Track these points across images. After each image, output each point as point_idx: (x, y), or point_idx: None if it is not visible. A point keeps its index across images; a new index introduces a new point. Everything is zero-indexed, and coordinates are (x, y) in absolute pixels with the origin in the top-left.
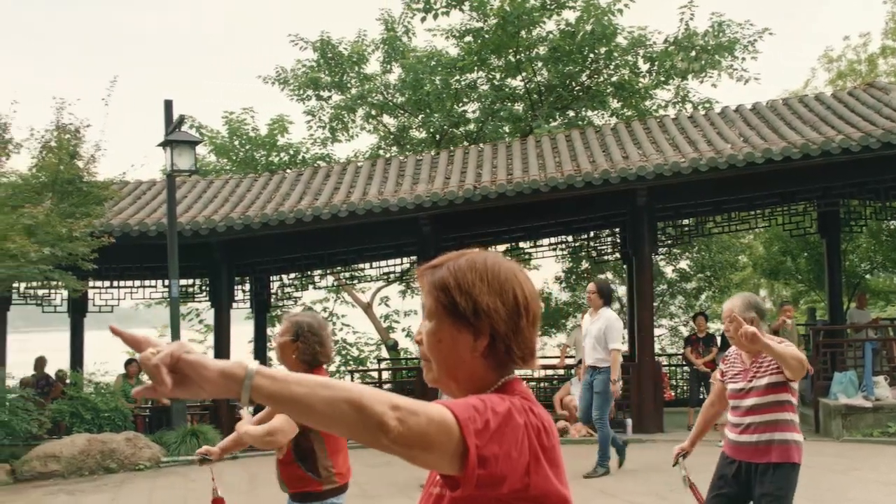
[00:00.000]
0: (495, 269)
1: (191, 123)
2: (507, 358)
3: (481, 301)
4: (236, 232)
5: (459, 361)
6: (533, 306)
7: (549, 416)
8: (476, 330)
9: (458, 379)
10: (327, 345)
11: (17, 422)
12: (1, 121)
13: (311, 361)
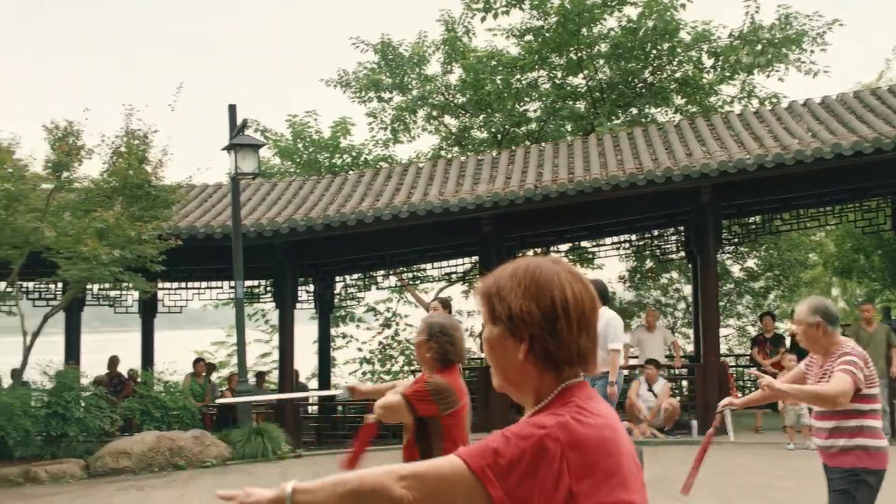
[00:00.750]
0: (536, 273)
1: (255, 127)
2: (550, 362)
3: (514, 305)
4: (299, 233)
5: (510, 366)
6: (577, 308)
7: (604, 424)
8: (515, 335)
9: (514, 383)
10: (458, 344)
11: (91, 419)
12: (74, 128)
13: (442, 360)
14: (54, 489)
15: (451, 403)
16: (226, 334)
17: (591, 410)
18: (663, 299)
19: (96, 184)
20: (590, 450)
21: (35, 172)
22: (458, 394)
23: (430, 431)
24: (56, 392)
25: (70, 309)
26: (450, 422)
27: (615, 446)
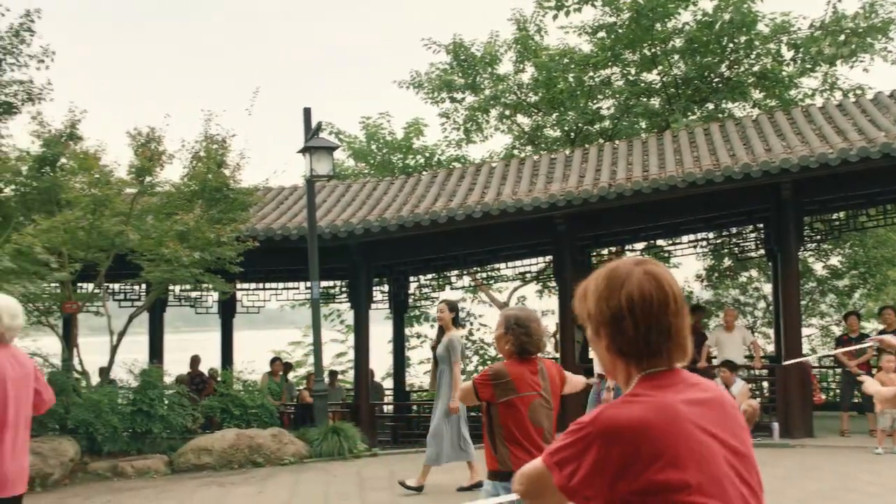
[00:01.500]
0: (611, 275)
1: (329, 130)
2: (625, 356)
3: (591, 307)
4: (374, 234)
5: (604, 359)
6: (645, 307)
7: (652, 408)
8: (596, 332)
9: (610, 373)
10: (534, 335)
11: (174, 416)
12: (156, 133)
13: (520, 351)
14: (140, 483)
15: (507, 391)
16: (302, 334)
17: (646, 396)
18: (742, 298)
19: (177, 188)
20: (627, 435)
21: (120, 178)
22: (518, 384)
23: (491, 415)
24: (141, 390)
25: (153, 309)
26: (504, 410)
27: (662, 429)
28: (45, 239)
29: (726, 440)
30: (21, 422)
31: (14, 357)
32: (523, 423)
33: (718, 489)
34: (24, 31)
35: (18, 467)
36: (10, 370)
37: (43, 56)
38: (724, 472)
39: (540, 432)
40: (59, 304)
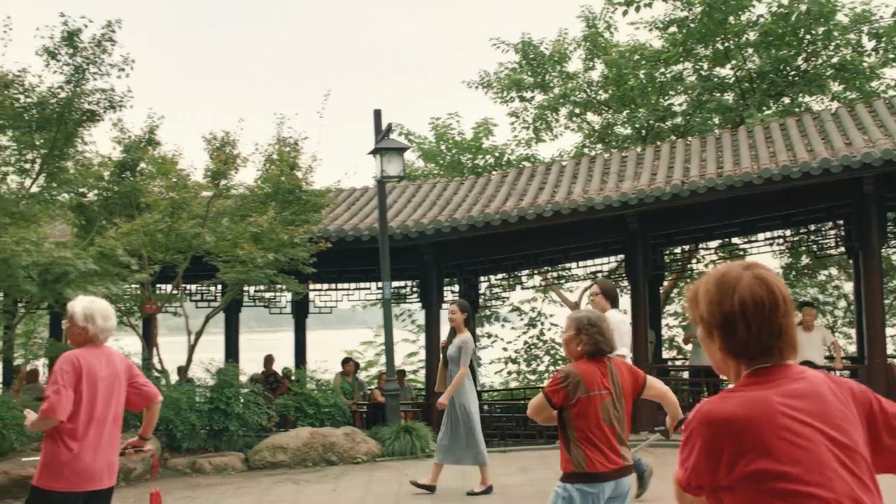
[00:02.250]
0: (721, 279)
1: (399, 131)
2: (736, 357)
3: (703, 310)
4: (444, 234)
5: (714, 358)
6: (757, 310)
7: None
8: (710, 334)
9: (722, 371)
10: (608, 335)
11: (250, 415)
12: (230, 138)
13: (594, 352)
14: (218, 480)
15: (578, 391)
16: (374, 334)
17: (741, 391)
18: (821, 297)
19: (251, 190)
20: (720, 428)
21: (196, 181)
22: (589, 384)
23: (564, 418)
24: (218, 389)
25: (229, 310)
26: (577, 411)
27: (752, 421)
28: (126, 242)
29: (828, 432)
30: (109, 419)
31: (106, 357)
32: (597, 424)
33: (821, 478)
34: (105, 42)
35: (105, 462)
36: (100, 370)
37: (123, 65)
38: (826, 462)
39: (613, 432)
40: (139, 305)
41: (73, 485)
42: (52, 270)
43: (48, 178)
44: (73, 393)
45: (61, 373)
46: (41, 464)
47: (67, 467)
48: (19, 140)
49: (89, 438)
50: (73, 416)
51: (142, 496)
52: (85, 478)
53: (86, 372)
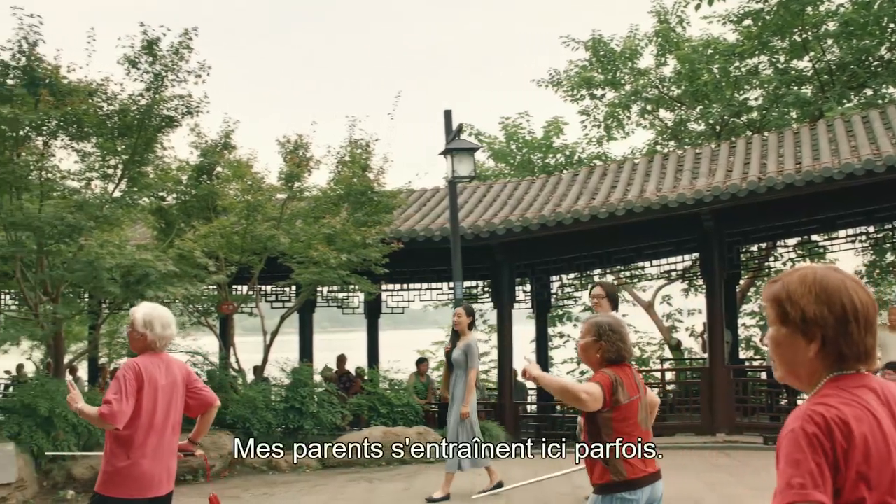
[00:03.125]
0: (824, 281)
1: (469, 131)
2: (840, 359)
3: (808, 310)
4: (515, 234)
5: (797, 362)
6: (864, 313)
7: (845, 414)
8: (807, 336)
9: (800, 377)
10: (628, 341)
11: (324, 413)
12: (304, 141)
13: (615, 359)
14: (293, 477)
15: (623, 396)
16: (445, 334)
17: (840, 399)
18: None
19: (324, 192)
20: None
21: (271, 184)
22: (628, 388)
23: (602, 425)
24: (293, 388)
25: (303, 310)
26: (620, 415)
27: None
28: (203, 244)
29: None
30: (168, 426)
31: (165, 364)
32: (636, 428)
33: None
34: (182, 49)
35: (164, 469)
36: (160, 377)
37: (200, 71)
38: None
39: (647, 436)
40: (216, 306)
41: (132, 492)
42: (134, 272)
43: (130, 183)
44: (134, 401)
45: (125, 380)
46: (102, 471)
47: (127, 475)
48: (103, 146)
49: (148, 446)
50: (133, 424)
51: (220, 491)
52: (144, 485)
53: (147, 380)
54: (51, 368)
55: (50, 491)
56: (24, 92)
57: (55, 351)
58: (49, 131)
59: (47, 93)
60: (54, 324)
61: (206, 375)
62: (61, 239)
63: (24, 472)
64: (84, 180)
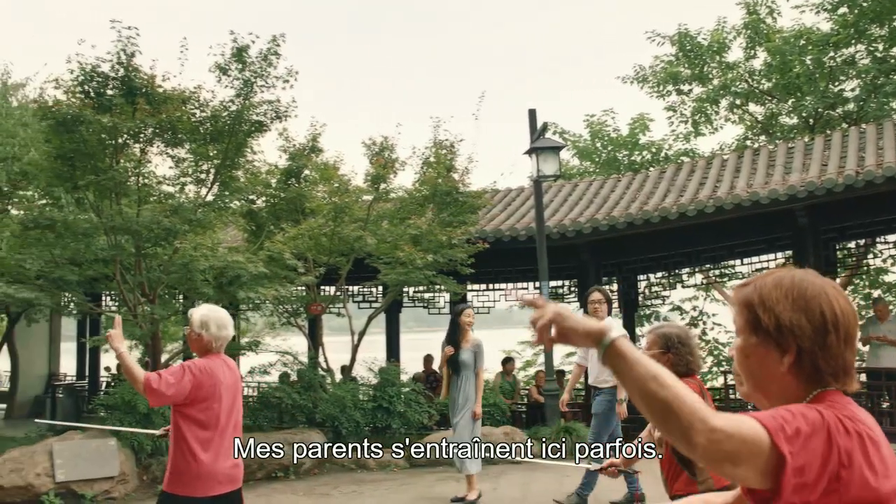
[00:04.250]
0: (802, 285)
1: (553, 130)
2: (816, 375)
3: (784, 317)
4: (602, 233)
5: (767, 376)
6: (845, 324)
7: (870, 420)
8: (781, 346)
9: (769, 393)
10: (696, 353)
11: (411, 413)
12: (389, 142)
13: (684, 371)
14: (381, 476)
15: None
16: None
17: (850, 408)
18: None
19: (409, 193)
20: (857, 439)
21: (357, 185)
22: (708, 401)
23: None
24: (380, 387)
25: (390, 310)
26: None
27: (881, 443)
28: (292, 245)
29: None
30: (231, 425)
31: (228, 366)
32: None
33: None
34: (271, 56)
35: (230, 467)
36: (225, 378)
37: (287, 76)
38: None
39: None
40: (305, 306)
41: (199, 490)
42: (226, 274)
43: (221, 187)
44: (184, 394)
45: (188, 372)
46: (170, 470)
47: (194, 474)
48: (195, 152)
49: (214, 445)
50: (201, 424)
51: (311, 489)
52: (211, 483)
53: (216, 381)
54: (148, 367)
55: (149, 485)
56: (123, 101)
57: (153, 350)
58: (145, 138)
59: (144, 101)
60: (152, 324)
61: (295, 374)
62: (158, 242)
63: (126, 466)
64: (178, 185)
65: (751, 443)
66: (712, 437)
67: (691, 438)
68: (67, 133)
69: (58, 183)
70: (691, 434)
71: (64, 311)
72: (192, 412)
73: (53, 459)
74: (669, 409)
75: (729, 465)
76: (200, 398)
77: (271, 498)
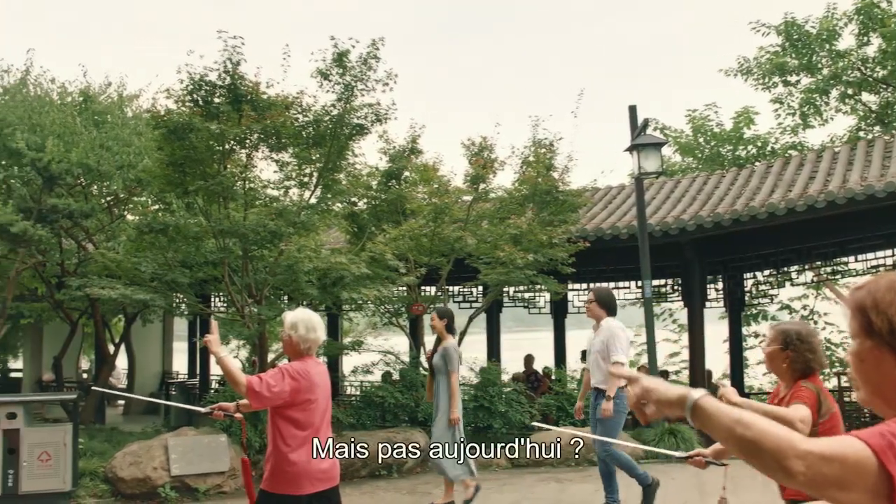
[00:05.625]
0: None
1: (654, 126)
2: None
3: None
4: (706, 230)
5: (883, 381)
6: None
7: None
8: (894, 350)
9: (887, 399)
10: (818, 352)
11: (513, 413)
12: (488, 142)
13: (803, 370)
14: (483, 476)
15: (826, 409)
16: (633, 334)
17: None
18: None
19: (509, 193)
20: None
21: (456, 186)
22: (830, 401)
23: None
24: (481, 387)
25: (490, 310)
26: (823, 429)
27: None
28: (393, 246)
29: None
30: (325, 424)
31: (318, 366)
32: None
33: None
34: (371, 59)
35: (327, 465)
36: (317, 379)
37: (387, 79)
38: None
39: None
40: (406, 306)
41: (297, 488)
42: (329, 275)
43: (324, 190)
44: (283, 397)
45: (288, 376)
46: (269, 468)
47: (291, 472)
48: (299, 156)
49: (310, 445)
50: (298, 424)
51: (414, 487)
52: (308, 481)
53: (312, 383)
54: (255, 366)
55: (257, 481)
56: (229, 108)
57: (260, 350)
58: (251, 144)
59: (249, 108)
60: (259, 324)
61: (397, 374)
62: (263, 244)
63: (236, 462)
64: (282, 189)
65: (854, 464)
66: (807, 461)
67: (788, 468)
68: (178, 140)
69: (169, 189)
70: (786, 463)
71: (176, 312)
72: (289, 413)
73: (169, 454)
74: (759, 446)
75: (836, 490)
76: (298, 400)
77: (375, 495)
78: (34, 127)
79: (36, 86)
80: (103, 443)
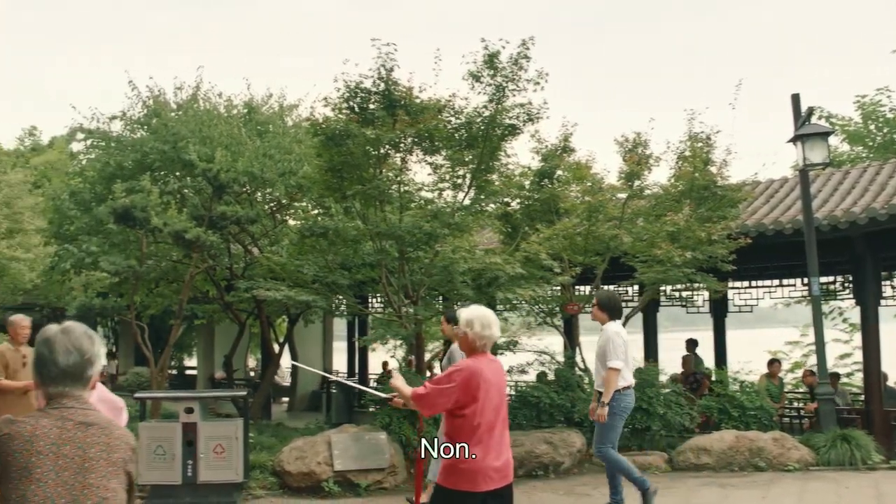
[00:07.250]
0: None
1: (819, 114)
2: None
3: None
4: (880, 223)
5: None
6: None
7: None
8: None
9: None
10: None
11: (672, 415)
12: (642, 138)
13: None
14: None
15: None
16: (800, 333)
17: None
18: None
19: (665, 189)
20: None
21: (610, 184)
22: None
23: None
24: (639, 388)
25: (647, 309)
26: None
27: None
28: (547, 246)
29: None
30: (499, 422)
31: (495, 365)
32: None
33: None
34: (521, 59)
35: (502, 463)
36: (491, 377)
37: (538, 79)
38: None
39: None
40: (561, 306)
41: (473, 485)
42: (484, 275)
43: (477, 191)
44: (453, 399)
45: (450, 378)
46: (443, 465)
47: (465, 469)
48: (452, 158)
49: (484, 442)
50: (471, 421)
51: (571, 488)
52: (483, 479)
53: (482, 380)
54: (412, 365)
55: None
56: (384, 114)
57: (416, 349)
58: (405, 148)
59: (403, 113)
60: (415, 324)
61: (553, 374)
62: (419, 246)
63: (395, 459)
64: (436, 191)
65: None
66: None
67: None
68: (336, 147)
69: (328, 194)
70: None
71: (336, 313)
72: (461, 411)
73: (332, 449)
74: None
75: None
76: (469, 399)
77: (532, 496)
78: (204, 139)
79: (205, 100)
80: (270, 437)
